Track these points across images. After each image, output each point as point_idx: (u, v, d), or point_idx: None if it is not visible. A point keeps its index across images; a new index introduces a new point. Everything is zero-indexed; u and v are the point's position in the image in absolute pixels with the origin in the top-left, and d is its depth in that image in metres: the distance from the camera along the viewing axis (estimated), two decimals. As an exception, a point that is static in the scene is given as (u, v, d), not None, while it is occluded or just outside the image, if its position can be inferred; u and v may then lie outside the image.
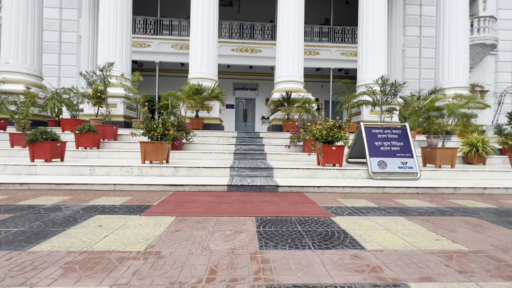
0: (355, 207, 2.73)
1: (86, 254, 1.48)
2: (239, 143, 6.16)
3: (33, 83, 8.65)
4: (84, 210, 2.39)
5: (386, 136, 4.38)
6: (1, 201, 2.72)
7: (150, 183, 3.45)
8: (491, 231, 2.04)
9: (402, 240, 1.79)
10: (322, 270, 1.35)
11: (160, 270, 1.32)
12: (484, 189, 3.66)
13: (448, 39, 9.43)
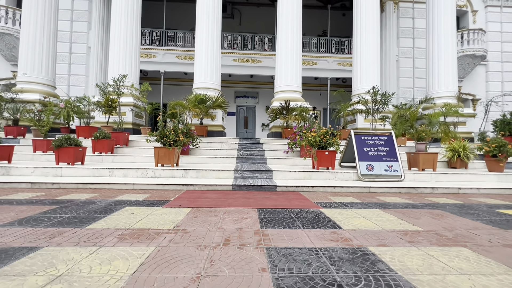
0: (341, 202, 3.21)
1: (130, 230, 1.97)
2: (241, 148, 6.67)
3: (47, 92, 9.23)
4: (114, 203, 2.88)
5: (374, 142, 4.89)
6: (42, 196, 3.21)
7: (164, 183, 3.94)
8: (448, 219, 2.52)
9: (373, 224, 2.28)
10: (307, 240, 1.83)
11: (188, 239, 1.80)
12: (459, 189, 4.14)
13: (438, 52, 10.04)
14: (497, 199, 3.71)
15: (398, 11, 14.41)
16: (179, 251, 1.59)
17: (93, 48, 13.29)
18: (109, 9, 13.48)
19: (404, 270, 1.39)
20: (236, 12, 17.05)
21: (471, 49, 13.38)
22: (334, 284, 1.23)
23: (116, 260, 1.44)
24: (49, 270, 1.30)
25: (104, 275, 1.27)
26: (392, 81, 14.26)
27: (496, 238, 1.95)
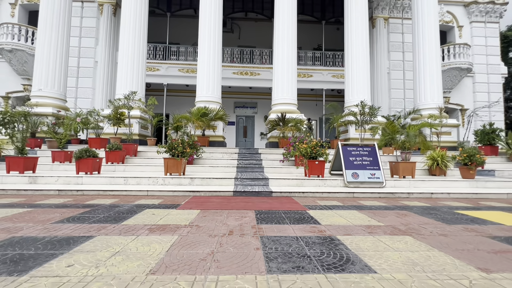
0: (326, 205, 3.80)
1: (155, 225, 2.55)
2: (240, 158, 7.27)
3: (59, 106, 9.87)
4: (136, 207, 3.46)
5: (359, 152, 5.51)
6: (72, 201, 3.78)
7: (174, 190, 4.53)
8: (409, 217, 3.11)
9: (346, 220, 2.87)
10: (292, 231, 2.42)
11: (201, 231, 2.38)
12: (431, 194, 4.74)
13: (423, 67, 10.79)
14: (462, 202, 4.30)
15: (388, 26, 15.28)
16: (196, 238, 2.17)
17: (99, 62, 14.01)
18: (115, 26, 14.32)
19: (356, 249, 1.97)
20: (236, 26, 17.91)
21: (457, 62, 14.17)
22: (305, 256, 1.82)
23: (152, 243, 2.03)
24: (109, 249, 1.88)
25: (147, 252, 1.85)
26: (384, 92, 15.00)
27: (437, 230, 2.54)
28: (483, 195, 4.83)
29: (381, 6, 14.98)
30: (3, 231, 2.29)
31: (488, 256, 1.88)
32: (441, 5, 15.58)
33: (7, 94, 13.75)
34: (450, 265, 1.70)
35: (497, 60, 15.64)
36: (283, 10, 9.72)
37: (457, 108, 15.45)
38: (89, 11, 14.20)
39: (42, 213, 2.98)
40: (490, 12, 15.51)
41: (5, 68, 13.59)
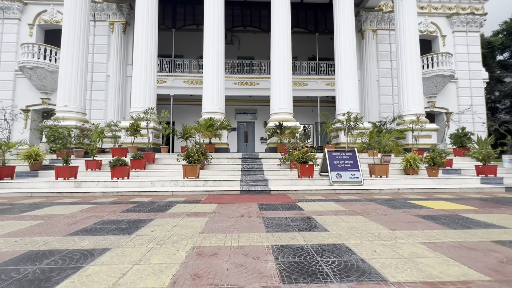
0: (312, 199, 4.97)
1: (190, 213, 3.73)
2: (244, 162, 8.45)
3: (80, 119, 11.08)
4: (169, 202, 4.64)
5: (342, 157, 6.69)
6: (118, 200, 4.96)
7: (192, 190, 5.70)
8: (370, 205, 4.29)
9: (322, 208, 4.04)
10: (283, 214, 3.59)
11: (222, 215, 3.56)
12: (398, 189, 5.92)
13: (406, 76, 12.01)
14: (419, 195, 5.48)
15: (377, 37, 16.53)
16: (220, 218, 3.35)
17: (111, 76, 15.22)
18: (125, 42, 15.59)
19: (322, 222, 3.15)
20: (235, 38, 19.16)
21: (440, 69, 15.38)
22: (289, 225, 2.99)
23: (193, 222, 3.20)
24: (168, 224, 3.06)
25: (192, 225, 3.02)
26: (374, 99, 16.20)
27: (383, 212, 3.72)
28: (440, 190, 6.00)
29: (370, 19, 16.24)
30: (92, 217, 3.47)
31: (402, 224, 3.05)
32: (425, 17, 16.89)
33: (27, 107, 14.95)
34: (375, 228, 2.88)
35: (479, 66, 16.85)
36: (278, 31, 10.96)
37: (443, 111, 16.62)
38: (101, 29, 15.44)
39: (105, 207, 4.16)
40: (470, 22, 16.76)
41: (25, 84, 14.81)
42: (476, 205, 4.30)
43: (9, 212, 3.88)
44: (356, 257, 2.00)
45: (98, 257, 2.01)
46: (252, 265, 1.85)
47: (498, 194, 5.57)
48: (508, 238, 2.49)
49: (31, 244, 2.33)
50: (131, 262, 1.91)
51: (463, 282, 1.59)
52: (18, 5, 15.04)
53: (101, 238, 2.50)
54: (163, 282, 1.59)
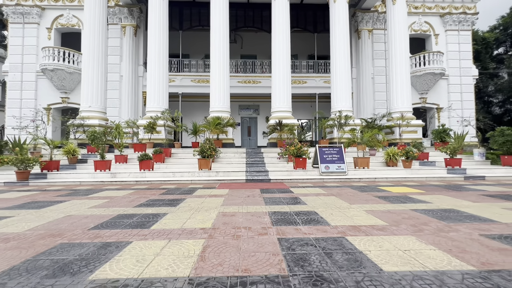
0: (303, 186, 6.31)
1: (210, 195, 5.09)
2: (248, 156, 9.78)
3: (101, 117, 12.44)
4: (191, 189, 6.01)
5: (330, 151, 7.98)
6: (150, 186, 6.33)
7: (207, 179, 7.07)
8: (345, 190, 5.61)
9: (308, 191, 5.38)
10: (278, 195, 4.94)
11: (234, 196, 4.91)
12: (375, 178, 7.23)
13: (395, 77, 13.12)
14: (390, 183, 6.79)
15: (372, 37, 17.48)
16: (233, 198, 4.70)
17: (124, 76, 16.46)
18: (136, 44, 16.75)
19: (305, 200, 4.48)
20: (238, 37, 20.18)
21: (431, 68, 16.38)
22: (282, 201, 4.33)
23: (214, 200, 4.56)
24: (197, 202, 4.42)
25: (214, 202, 4.38)
26: (369, 95, 17.30)
27: (352, 194, 5.05)
28: (410, 179, 7.31)
29: (365, 19, 17.17)
30: (141, 197, 4.84)
31: (359, 201, 4.38)
32: (419, 16, 17.77)
33: (48, 105, 16.33)
34: (339, 203, 4.21)
35: (469, 64, 17.79)
36: (279, 40, 12.12)
37: (434, 107, 17.69)
38: (114, 32, 16.59)
39: (146, 192, 5.54)
40: (462, 22, 17.61)
41: (46, 84, 16.14)
42: (427, 190, 5.61)
43: (77, 194, 5.27)
44: (318, 216, 3.34)
45: (163, 217, 3.37)
46: (256, 219, 3.20)
47: (454, 182, 6.86)
48: (422, 208, 3.81)
49: (117, 211, 3.70)
50: (185, 218, 3.27)
51: (371, 225, 2.92)
52: (37, 10, 16.21)
53: (158, 209, 3.86)
54: (207, 226, 2.94)
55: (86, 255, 2.13)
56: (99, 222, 3.12)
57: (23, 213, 3.64)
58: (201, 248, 2.25)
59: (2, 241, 2.48)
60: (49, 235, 2.65)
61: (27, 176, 7.09)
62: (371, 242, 2.37)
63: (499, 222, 3.04)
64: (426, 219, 3.20)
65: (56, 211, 3.73)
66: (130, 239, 2.50)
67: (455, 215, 3.36)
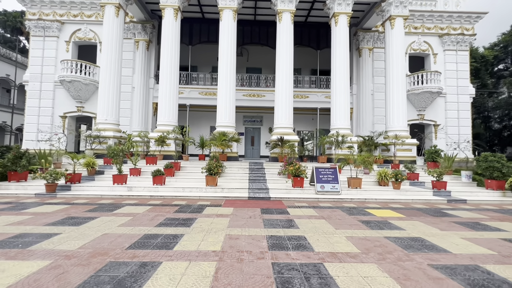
0: (298, 206, 7.09)
1: (217, 214, 5.90)
2: (251, 172, 10.59)
3: (115, 129, 13.38)
4: (200, 206, 6.83)
5: (325, 172, 8.75)
6: (164, 202, 7.16)
7: (214, 196, 7.89)
8: (335, 212, 6.38)
9: (302, 213, 6.17)
10: (276, 216, 5.74)
11: (238, 216, 5.72)
12: (365, 199, 7.98)
13: (392, 98, 13.87)
14: (378, 204, 7.53)
15: (373, 55, 18.28)
16: (237, 218, 5.51)
17: (136, 88, 17.46)
18: (148, 58, 17.75)
19: (298, 223, 5.27)
20: (244, 51, 21.10)
21: (429, 86, 17.09)
22: (278, 224, 5.12)
23: (221, 220, 5.37)
24: (208, 222, 5.23)
25: (221, 223, 5.18)
26: (369, 111, 18.05)
27: (340, 217, 5.82)
28: (397, 200, 8.04)
29: (366, 39, 17.99)
30: (159, 215, 5.67)
31: (345, 226, 5.15)
32: (418, 36, 18.54)
33: (64, 114, 17.36)
34: (327, 227, 4.99)
35: (467, 83, 18.46)
36: (282, 60, 13.02)
37: (431, 123, 18.37)
38: (128, 46, 17.60)
39: (161, 208, 6.38)
40: (460, 42, 18.32)
41: (63, 93, 17.19)
42: (408, 214, 6.36)
43: (103, 210, 6.13)
44: (306, 242, 4.13)
45: (181, 238, 4.19)
46: (255, 243, 4.00)
47: (436, 205, 7.59)
48: (395, 235, 4.57)
49: (143, 231, 4.53)
50: (199, 240, 4.09)
51: (347, 252, 3.70)
52: (57, 24, 17.34)
53: (175, 229, 4.69)
54: (217, 248, 3.75)
55: (132, 272, 2.95)
56: (132, 242, 3.96)
57: (67, 230, 4.49)
58: (214, 270, 3.06)
59: (66, 258, 3.32)
60: (98, 254, 3.49)
61: (54, 188, 7.98)
62: (341, 269, 3.16)
63: (450, 253, 3.80)
64: (393, 247, 3.98)
65: (93, 229, 4.58)
66: (160, 259, 3.32)
67: (418, 245, 4.13)
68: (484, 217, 6.26)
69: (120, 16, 13.78)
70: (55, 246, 3.72)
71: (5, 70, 27.50)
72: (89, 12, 17.50)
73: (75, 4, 17.28)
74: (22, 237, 4.09)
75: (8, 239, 4.00)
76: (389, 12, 14.15)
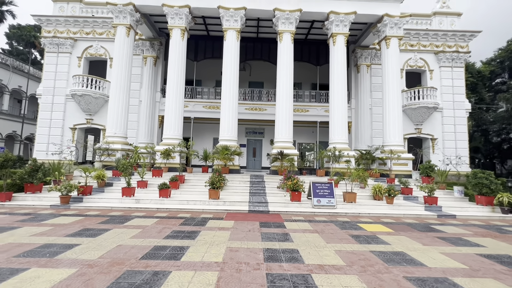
0: (295, 219, 7.58)
1: (219, 227, 6.42)
2: (251, 185, 11.11)
3: (124, 142, 14.06)
4: (203, 219, 7.35)
5: (322, 186, 9.25)
6: (169, 215, 7.70)
7: (216, 209, 8.41)
8: (329, 226, 6.86)
9: (298, 227, 6.66)
10: (273, 230, 6.23)
11: (238, 229, 6.23)
12: (359, 213, 8.44)
13: (388, 114, 14.44)
14: (370, 219, 7.98)
15: (371, 71, 18.98)
16: (238, 232, 6.03)
17: (143, 101, 18.23)
18: (155, 73, 18.60)
19: (293, 237, 5.77)
20: (247, 66, 21.93)
21: (425, 102, 17.66)
22: (274, 237, 5.62)
23: (223, 233, 5.88)
24: (210, 235, 5.75)
25: (223, 235, 5.69)
26: (367, 125, 18.60)
27: (332, 231, 6.30)
28: (389, 215, 8.49)
29: (364, 56, 18.72)
30: (166, 228, 6.19)
31: (336, 240, 5.63)
32: (415, 53, 19.26)
33: (74, 126, 18.15)
34: (319, 241, 5.48)
35: (462, 98, 19.00)
36: (283, 79, 13.76)
37: (428, 137, 18.85)
38: (136, 62, 18.49)
39: (168, 221, 6.91)
40: (455, 59, 18.99)
41: (73, 106, 18.03)
42: (397, 229, 6.81)
43: (115, 222, 6.68)
44: (298, 255, 4.62)
45: (187, 250, 4.71)
46: (253, 255, 4.51)
47: (426, 220, 8.02)
48: (380, 249, 5.04)
49: (153, 243, 5.06)
50: (202, 252, 4.61)
51: (333, 265, 4.20)
52: (70, 41, 18.35)
53: (182, 241, 5.21)
54: (219, 260, 4.27)
55: (147, 280, 3.48)
56: (144, 253, 4.49)
57: (86, 241, 5.05)
58: (216, 279, 3.58)
59: (89, 267, 3.86)
60: (115, 263, 4.02)
61: (68, 200, 8.57)
62: (326, 279, 3.66)
63: (426, 266, 4.28)
64: (375, 260, 4.46)
65: (108, 240, 5.13)
66: (169, 269, 3.85)
67: (399, 258, 4.61)
68: (468, 232, 6.70)
69: (131, 36, 14.68)
70: (78, 256, 4.27)
71: (17, 81, 28.65)
72: (101, 30, 18.53)
73: (88, 23, 18.33)
74: (47, 247, 4.65)
75: (36, 249, 4.56)
76: (384, 33, 14.89)
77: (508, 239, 6.14)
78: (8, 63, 27.46)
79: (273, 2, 14.33)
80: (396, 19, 14.56)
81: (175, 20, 14.31)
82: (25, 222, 6.47)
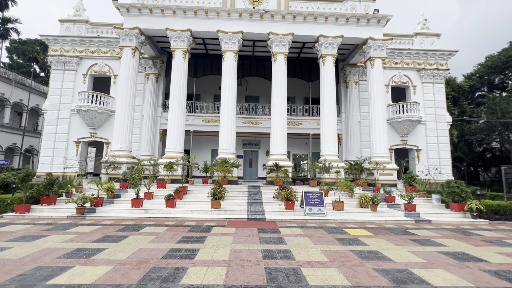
0: (288, 226, 8.57)
1: (222, 233, 7.37)
2: (249, 195, 12.09)
3: (128, 156, 14.96)
4: (208, 226, 8.29)
5: (313, 196, 10.29)
6: (177, 223, 8.61)
7: (218, 218, 9.36)
8: (318, 231, 7.87)
9: (292, 232, 7.65)
10: (270, 235, 7.21)
11: (239, 235, 7.19)
12: (346, 220, 9.48)
13: (374, 128, 15.72)
14: (355, 224, 9.01)
15: (359, 87, 20.38)
16: (238, 237, 6.99)
17: (145, 116, 19.21)
18: (157, 89, 19.68)
19: (287, 240, 6.75)
20: (244, 81, 23.16)
21: (409, 116, 19.04)
22: (271, 241, 6.60)
23: (226, 238, 6.84)
24: (216, 239, 6.70)
25: (227, 240, 6.65)
26: (356, 137, 19.84)
27: (320, 235, 7.31)
28: (373, 221, 9.53)
29: (352, 73, 20.17)
30: (176, 234, 7.11)
31: (323, 242, 6.63)
32: (399, 70, 20.79)
33: (78, 139, 18.97)
34: (308, 243, 6.47)
35: (444, 112, 20.48)
36: (277, 97, 14.96)
37: (413, 148, 20.16)
38: (139, 79, 19.48)
39: (177, 228, 7.82)
40: (436, 76, 20.58)
41: (77, 121, 18.91)
42: (377, 233, 7.84)
43: (130, 230, 7.57)
44: (290, 254, 5.61)
45: (198, 251, 5.66)
46: (254, 255, 5.48)
47: (404, 225, 9.09)
48: (358, 249, 6.06)
49: (169, 246, 5.99)
50: (211, 252, 5.57)
51: (318, 261, 5.20)
52: (76, 60, 19.41)
53: (192, 245, 6.15)
54: (226, 258, 5.23)
55: (171, 273, 4.43)
56: (163, 254, 5.43)
57: (111, 246, 5.95)
58: (225, 271, 4.54)
59: (121, 264, 4.79)
60: (142, 262, 4.96)
61: (83, 211, 9.41)
62: (311, 271, 4.66)
63: (393, 261, 5.31)
64: (353, 257, 5.48)
65: (131, 245, 6.04)
66: (187, 265, 4.80)
67: (373, 256, 5.63)
68: (437, 235, 7.77)
69: (136, 57, 15.81)
70: (109, 257, 5.19)
71: (18, 95, 29.39)
72: (106, 49, 19.65)
73: (93, 42, 19.45)
74: (81, 251, 5.55)
75: (72, 252, 5.45)
76: (369, 54, 16.34)
77: (468, 240, 7.23)
78: (11, 77, 28.28)
79: (267, 26, 15.71)
80: (379, 42, 16.03)
81: (177, 43, 15.53)
82: (51, 231, 7.32)
